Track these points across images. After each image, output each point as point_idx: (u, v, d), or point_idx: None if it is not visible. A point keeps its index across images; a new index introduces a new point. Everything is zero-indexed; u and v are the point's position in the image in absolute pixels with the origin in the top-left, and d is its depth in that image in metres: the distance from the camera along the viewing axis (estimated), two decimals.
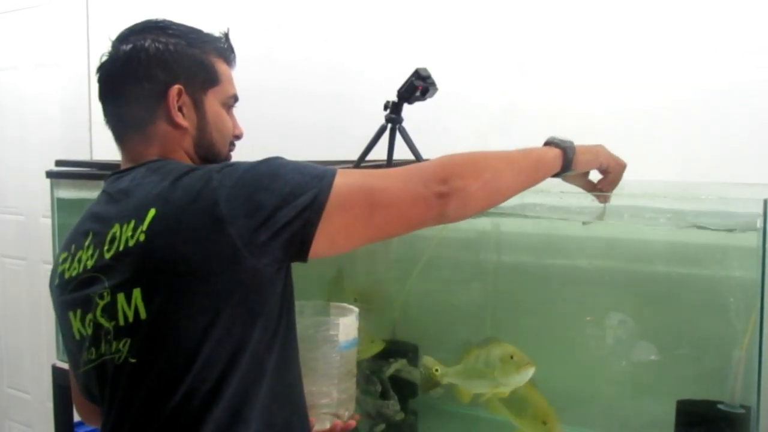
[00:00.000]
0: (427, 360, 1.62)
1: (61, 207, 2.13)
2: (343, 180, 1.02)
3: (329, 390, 1.32)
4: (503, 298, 1.75)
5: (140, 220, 1.02)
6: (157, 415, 1.02)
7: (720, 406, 1.36)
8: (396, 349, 1.80)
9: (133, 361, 1.04)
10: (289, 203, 0.98)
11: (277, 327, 1.07)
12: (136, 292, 1.02)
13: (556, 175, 1.23)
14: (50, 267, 1.24)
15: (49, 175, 2.10)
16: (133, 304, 1.02)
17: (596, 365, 1.57)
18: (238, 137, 1.25)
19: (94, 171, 1.99)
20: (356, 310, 1.41)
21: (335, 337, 1.33)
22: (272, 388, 1.06)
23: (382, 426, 1.68)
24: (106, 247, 1.06)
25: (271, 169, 1.02)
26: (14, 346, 3.39)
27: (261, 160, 1.04)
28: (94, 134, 2.84)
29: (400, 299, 1.87)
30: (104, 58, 1.16)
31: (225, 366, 1.01)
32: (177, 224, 1.00)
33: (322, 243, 1.00)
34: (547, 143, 1.23)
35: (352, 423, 1.36)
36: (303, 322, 1.33)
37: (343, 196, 1.00)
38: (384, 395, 1.70)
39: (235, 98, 1.23)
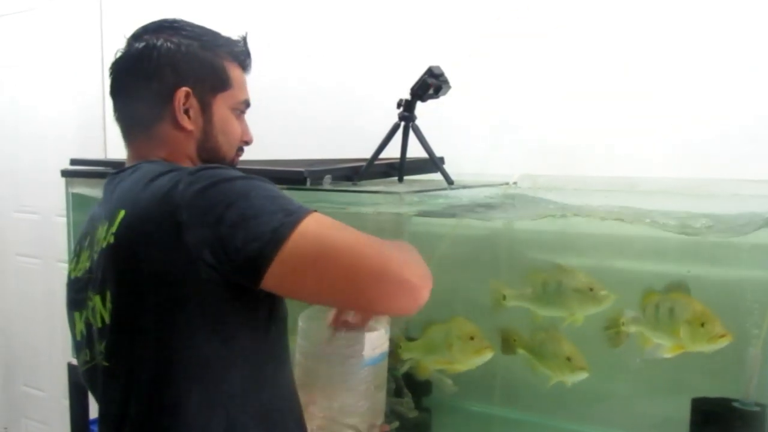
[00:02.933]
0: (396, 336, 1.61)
1: (75, 205, 2.14)
2: (312, 225, 0.94)
3: (355, 405, 1.29)
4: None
5: (111, 222, 1.01)
6: (126, 422, 1.02)
7: (735, 404, 1.36)
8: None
9: (105, 364, 1.05)
10: (248, 227, 0.92)
11: (249, 343, 1.03)
12: (108, 295, 1.02)
13: None
14: (65, 266, 1.25)
15: (64, 173, 2.12)
16: (107, 306, 1.02)
17: (611, 363, 1.56)
18: (247, 143, 1.23)
19: (109, 170, 1.99)
20: (386, 323, 1.33)
21: (360, 352, 1.27)
22: (243, 406, 1.03)
23: (396, 424, 1.68)
24: (94, 248, 1.07)
25: (244, 188, 0.96)
26: (29, 345, 3.41)
27: (241, 176, 0.98)
28: (108, 133, 2.85)
29: None
30: (118, 54, 1.15)
31: (184, 379, 0.99)
32: (140, 226, 0.98)
33: (272, 280, 0.94)
34: None
35: None
36: (326, 336, 1.27)
37: (305, 241, 0.93)
38: (398, 393, 1.70)
39: (247, 104, 1.21)
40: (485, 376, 1.71)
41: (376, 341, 1.28)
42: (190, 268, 0.94)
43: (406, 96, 1.50)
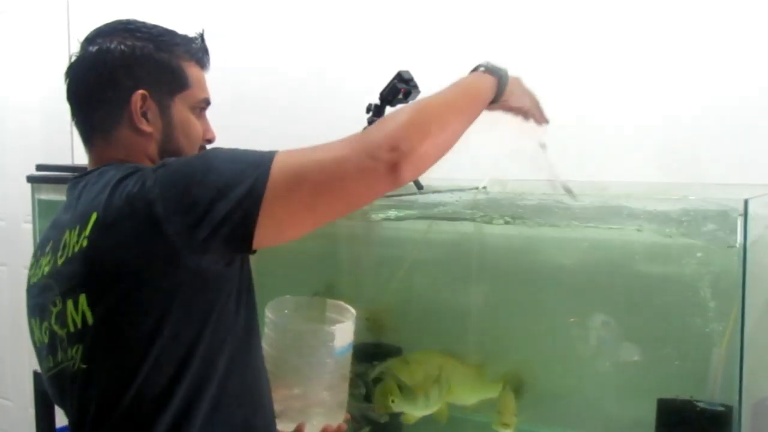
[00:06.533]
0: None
1: (42, 212, 2.12)
2: (281, 164, 0.96)
3: (322, 395, 1.30)
4: (486, 299, 1.76)
5: (84, 226, 1.01)
6: (110, 418, 1.02)
7: (700, 405, 1.38)
8: (380, 352, 1.80)
9: (83, 366, 1.03)
10: (225, 196, 0.93)
11: (231, 326, 1.05)
12: (82, 298, 1.01)
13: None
14: None
15: (30, 179, 2.09)
16: (80, 310, 1.01)
17: (578, 365, 1.58)
18: (209, 141, 1.21)
19: (76, 175, 1.98)
20: (353, 312, 1.35)
21: (330, 343, 1.29)
22: (227, 388, 1.05)
23: (367, 429, 1.68)
24: (59, 254, 1.06)
25: (205, 162, 0.97)
26: None
27: (197, 154, 0.99)
28: (75, 138, 2.81)
29: (384, 301, 1.87)
30: (73, 59, 1.14)
31: (175, 369, 1.00)
32: (116, 228, 0.98)
33: (266, 233, 0.95)
34: (482, 68, 1.21)
35: (343, 426, 1.34)
36: (296, 328, 1.31)
37: (283, 182, 0.94)
38: (368, 398, 1.70)
39: (207, 102, 1.20)
40: None
41: (344, 332, 1.30)
42: (174, 260, 0.95)
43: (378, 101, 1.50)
